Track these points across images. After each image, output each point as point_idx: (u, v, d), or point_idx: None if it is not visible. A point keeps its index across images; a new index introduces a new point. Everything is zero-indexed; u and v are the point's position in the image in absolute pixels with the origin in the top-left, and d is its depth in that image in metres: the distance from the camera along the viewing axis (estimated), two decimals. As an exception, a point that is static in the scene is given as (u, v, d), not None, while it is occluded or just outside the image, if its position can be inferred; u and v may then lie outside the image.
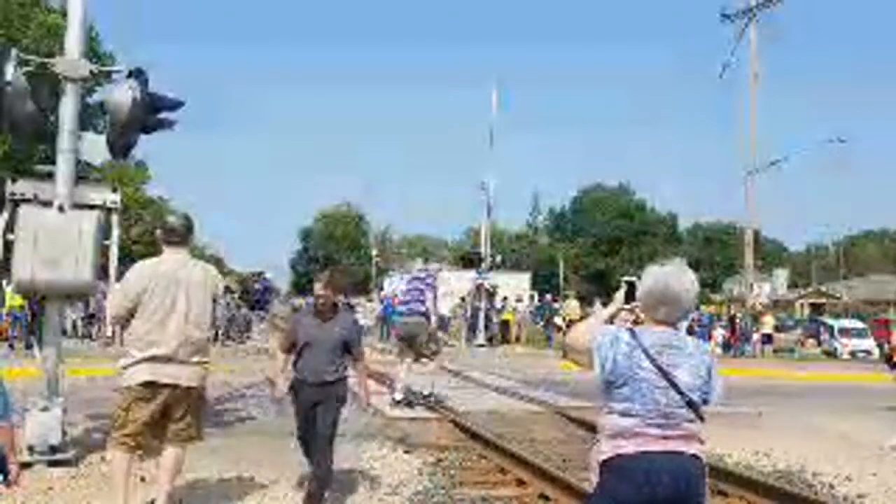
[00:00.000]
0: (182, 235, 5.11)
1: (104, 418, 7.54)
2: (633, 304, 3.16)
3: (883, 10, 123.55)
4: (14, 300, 18.90)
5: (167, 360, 4.87)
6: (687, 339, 3.09)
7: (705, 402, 2.98)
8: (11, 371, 3.65)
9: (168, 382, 4.90)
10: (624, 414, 2.91)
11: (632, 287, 3.17)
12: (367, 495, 6.29)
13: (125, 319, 4.98)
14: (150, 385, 4.89)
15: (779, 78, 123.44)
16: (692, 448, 2.94)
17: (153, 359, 4.86)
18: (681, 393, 2.91)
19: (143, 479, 5.95)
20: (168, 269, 5.04)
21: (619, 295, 3.22)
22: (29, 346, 18.14)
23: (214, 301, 5.15)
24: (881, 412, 12.53)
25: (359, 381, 5.87)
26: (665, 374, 2.90)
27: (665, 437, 2.89)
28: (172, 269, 5.02)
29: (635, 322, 3.13)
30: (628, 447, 2.88)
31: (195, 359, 4.98)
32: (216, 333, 5.82)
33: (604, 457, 2.93)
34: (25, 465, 3.15)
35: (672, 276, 3.03)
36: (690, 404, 2.92)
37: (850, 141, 41.14)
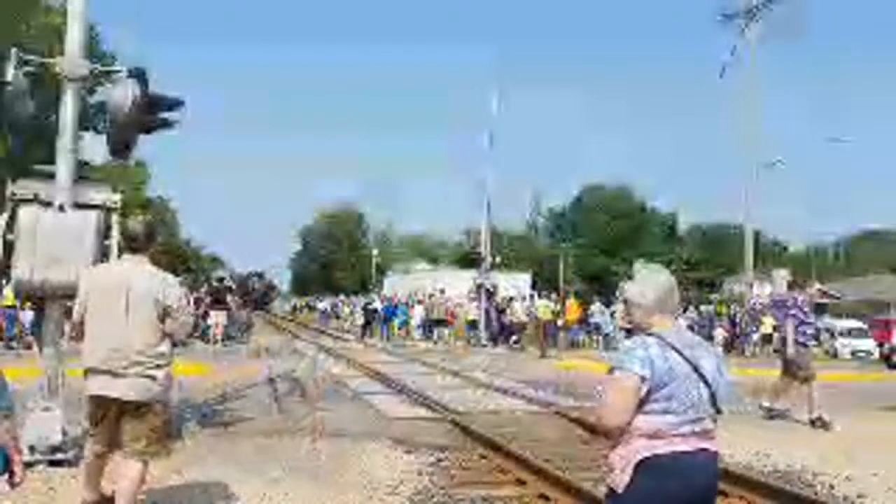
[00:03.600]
0: (142, 242, 4.90)
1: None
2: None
3: (883, 10, 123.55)
4: (7, 299, 18.72)
5: (101, 371, 4.69)
6: (693, 333, 3.21)
7: (720, 393, 3.04)
8: (15, 371, 3.63)
9: (102, 394, 4.71)
10: (663, 413, 2.91)
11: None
12: (367, 495, 6.29)
13: (79, 327, 4.83)
14: (93, 397, 4.77)
15: (779, 77, 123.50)
16: (713, 445, 3.01)
17: (91, 370, 4.72)
18: (708, 385, 2.97)
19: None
20: (113, 276, 4.88)
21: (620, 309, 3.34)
22: (28, 347, 18.13)
23: (168, 314, 4.77)
24: (881, 412, 12.53)
25: None
26: (696, 369, 2.95)
27: (695, 434, 2.94)
28: (118, 276, 4.82)
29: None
30: (665, 447, 2.90)
31: (133, 371, 4.67)
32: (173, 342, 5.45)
33: (641, 457, 2.90)
34: (26, 465, 3.15)
35: (660, 270, 3.18)
36: (713, 398, 2.99)
37: (850, 140, 41.18)
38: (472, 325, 30.09)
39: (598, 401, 3.18)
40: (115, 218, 7.12)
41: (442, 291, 32.23)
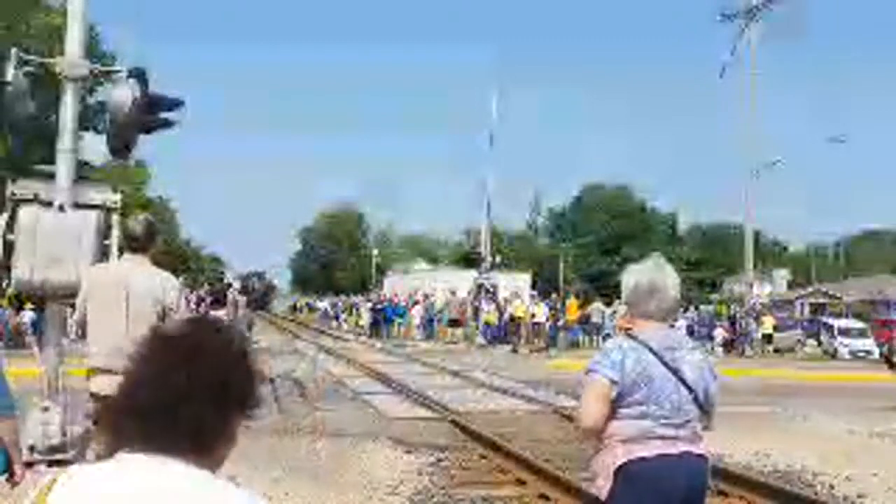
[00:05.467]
0: (142, 242, 4.87)
1: (104, 418, 7.55)
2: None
3: (883, 10, 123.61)
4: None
5: (103, 370, 4.67)
6: (681, 335, 3.13)
7: (706, 397, 2.98)
8: (15, 371, 3.63)
9: (102, 393, 4.66)
10: (640, 417, 2.85)
11: None
12: (367, 495, 6.29)
13: (82, 325, 4.83)
14: (95, 396, 4.76)
15: (779, 77, 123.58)
16: (699, 447, 2.95)
17: (95, 369, 4.72)
18: (690, 390, 2.91)
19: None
20: (113, 276, 4.88)
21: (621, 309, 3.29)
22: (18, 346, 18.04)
23: (166, 313, 4.75)
24: (881, 412, 12.53)
25: None
26: (675, 373, 2.89)
27: (677, 438, 2.88)
28: (118, 276, 4.82)
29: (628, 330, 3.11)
30: (645, 451, 2.84)
31: None
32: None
33: (620, 462, 2.84)
34: (26, 465, 3.15)
35: (654, 269, 3.07)
36: (696, 401, 2.93)
37: (850, 140, 41.28)
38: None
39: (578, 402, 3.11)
40: (115, 218, 7.11)
41: (453, 293, 32.28)
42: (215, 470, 1.34)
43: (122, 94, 7.12)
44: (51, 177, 7.08)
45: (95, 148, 7.47)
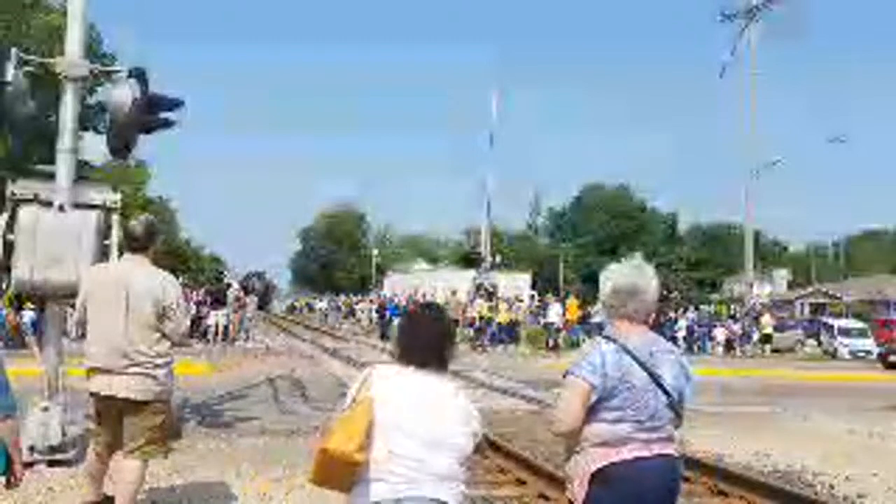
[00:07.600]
0: (142, 242, 4.86)
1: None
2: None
3: (883, 10, 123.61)
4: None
5: (102, 370, 4.69)
6: (661, 338, 3.09)
7: (680, 399, 2.98)
8: (15, 371, 3.64)
9: (102, 393, 4.71)
10: (617, 421, 2.84)
11: None
12: (367, 495, 6.28)
13: (82, 325, 4.84)
14: (95, 396, 4.77)
15: (779, 77, 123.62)
16: (671, 449, 2.95)
17: (93, 369, 4.73)
18: (667, 394, 2.90)
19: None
20: (112, 275, 4.87)
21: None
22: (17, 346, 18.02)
23: (166, 312, 4.74)
24: (881, 412, 12.54)
25: None
26: (654, 378, 2.88)
27: (652, 441, 2.88)
28: (118, 276, 4.81)
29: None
30: (620, 455, 2.84)
31: (133, 370, 4.64)
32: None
33: (595, 466, 2.85)
34: (26, 465, 3.15)
35: (635, 271, 3.04)
36: (672, 405, 2.93)
37: (850, 140, 41.36)
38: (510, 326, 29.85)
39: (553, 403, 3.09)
40: (115, 218, 7.10)
41: (454, 293, 32.35)
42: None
43: (122, 94, 7.13)
44: (51, 177, 7.07)
45: (95, 148, 7.48)
